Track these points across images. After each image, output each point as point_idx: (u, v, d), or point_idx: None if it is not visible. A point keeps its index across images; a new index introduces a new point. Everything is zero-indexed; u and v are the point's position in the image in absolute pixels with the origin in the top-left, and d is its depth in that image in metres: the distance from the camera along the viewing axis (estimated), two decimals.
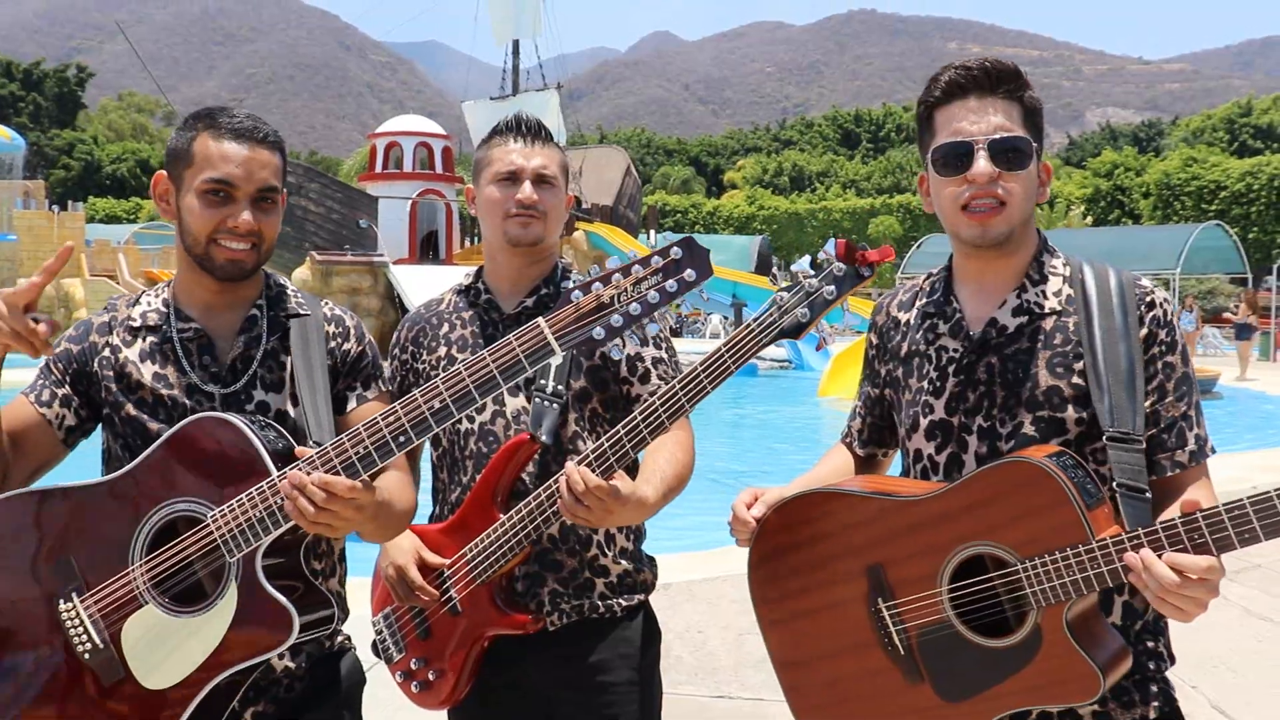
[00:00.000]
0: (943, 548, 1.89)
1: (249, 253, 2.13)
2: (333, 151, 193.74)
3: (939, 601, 1.89)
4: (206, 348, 2.18)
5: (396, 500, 2.14)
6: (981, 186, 1.97)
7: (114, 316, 2.25)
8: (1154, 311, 1.99)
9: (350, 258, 24.30)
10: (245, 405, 2.16)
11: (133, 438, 2.14)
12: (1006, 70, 2.01)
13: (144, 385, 2.15)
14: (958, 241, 2.08)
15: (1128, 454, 1.90)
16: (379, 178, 31.17)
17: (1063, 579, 1.76)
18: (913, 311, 2.21)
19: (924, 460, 2.10)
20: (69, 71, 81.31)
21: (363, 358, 2.31)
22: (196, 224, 2.11)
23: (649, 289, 1.79)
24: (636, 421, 2.10)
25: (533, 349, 1.82)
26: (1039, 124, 2.04)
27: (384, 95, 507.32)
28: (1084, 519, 1.75)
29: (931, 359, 2.11)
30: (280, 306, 2.26)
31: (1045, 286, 2.05)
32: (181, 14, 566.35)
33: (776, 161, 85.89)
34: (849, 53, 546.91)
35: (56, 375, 2.20)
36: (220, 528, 1.94)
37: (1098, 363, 1.94)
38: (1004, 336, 2.03)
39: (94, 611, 2.01)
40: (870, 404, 2.33)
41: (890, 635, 1.95)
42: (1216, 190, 47.90)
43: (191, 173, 2.11)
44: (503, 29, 37.72)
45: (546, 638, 2.39)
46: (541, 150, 2.50)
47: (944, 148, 2.01)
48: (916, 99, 2.15)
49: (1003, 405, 2.00)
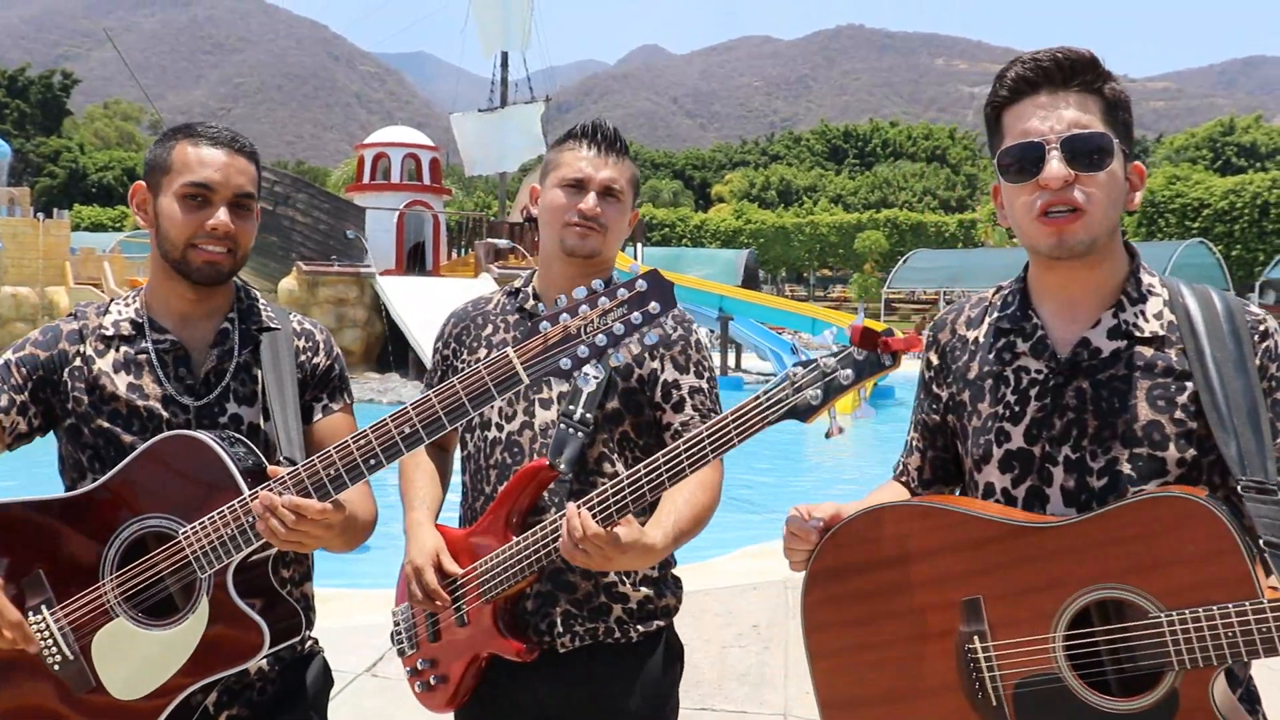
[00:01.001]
0: (1062, 586, 1.65)
1: (225, 256, 2.15)
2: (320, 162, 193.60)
3: (1050, 648, 1.65)
4: (182, 360, 2.19)
5: (361, 513, 2.18)
6: (1056, 192, 1.73)
7: (84, 324, 2.23)
8: (1267, 343, 1.76)
9: (337, 268, 24.26)
10: (219, 418, 2.17)
11: (105, 449, 2.14)
12: (1081, 60, 1.76)
13: (118, 397, 2.15)
14: (1035, 255, 1.85)
15: (1265, 506, 1.63)
16: (366, 188, 31.09)
17: (1219, 640, 1.52)
18: (982, 328, 1.97)
19: (996, 495, 1.87)
20: (55, 78, 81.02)
21: (331, 371, 2.34)
22: (175, 228, 2.13)
23: (614, 321, 1.80)
24: (622, 486, 2.04)
25: (501, 378, 1.85)
26: (1125, 119, 1.79)
27: (372, 106, 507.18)
28: (1254, 573, 1.52)
29: (1009, 381, 1.88)
30: (252, 320, 2.28)
31: (1144, 307, 1.81)
32: (170, 22, 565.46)
33: (764, 175, 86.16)
34: (837, 68, 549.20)
35: (17, 380, 2.17)
36: (192, 544, 1.96)
37: (1217, 400, 1.70)
38: (1097, 360, 1.80)
39: (64, 624, 2.03)
40: (930, 435, 2.08)
41: (983, 681, 1.71)
42: (1200, 208, 48.21)
43: (170, 179, 2.14)
44: (491, 41, 37.75)
45: (557, 659, 2.34)
46: (614, 162, 2.43)
47: (1012, 150, 1.77)
48: (904, 114, 2.06)
49: (1094, 436, 1.77)
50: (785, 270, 64.85)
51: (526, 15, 36.65)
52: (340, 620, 5.37)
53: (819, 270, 64.62)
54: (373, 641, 5.39)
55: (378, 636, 5.48)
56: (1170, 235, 46.94)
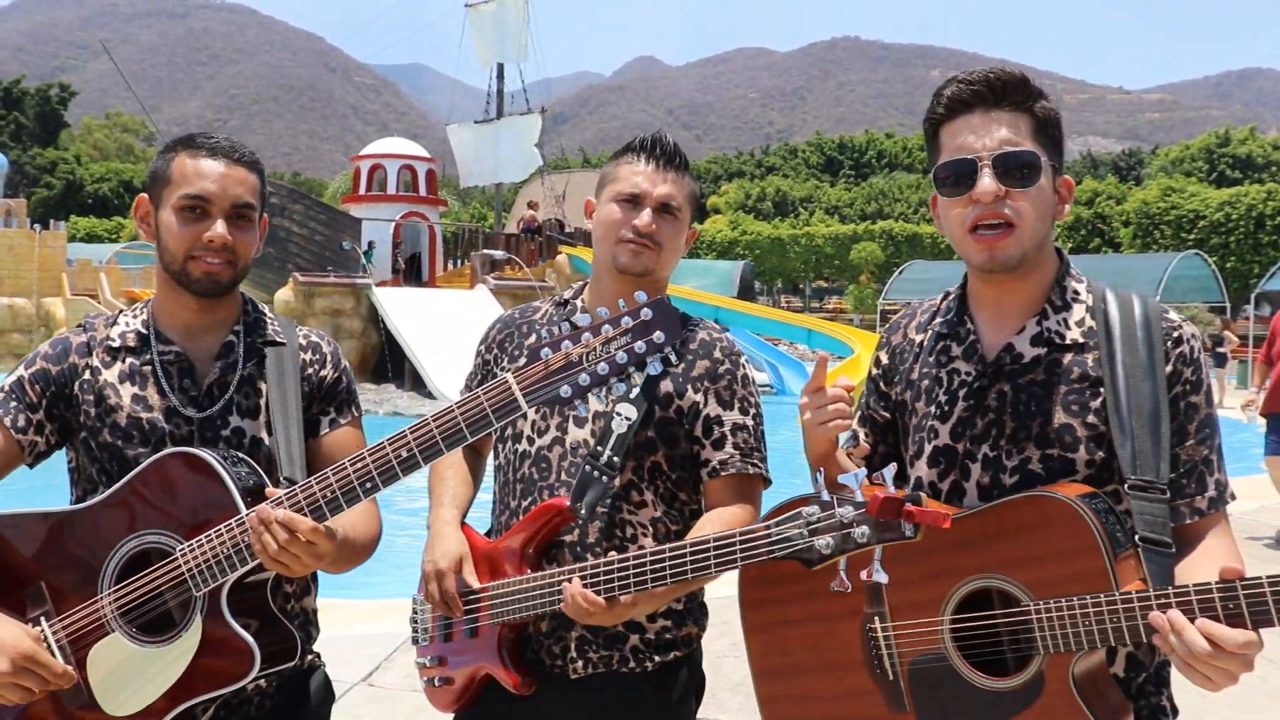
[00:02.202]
0: (952, 574, 1.80)
1: (224, 268, 2.14)
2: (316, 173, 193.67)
3: (939, 631, 1.80)
4: (187, 371, 2.18)
5: (359, 536, 2.16)
6: (987, 206, 1.84)
7: (92, 336, 2.23)
8: (1180, 348, 1.87)
9: (333, 279, 24.27)
10: (221, 431, 2.16)
11: (110, 463, 2.14)
12: (1012, 80, 1.87)
13: (122, 408, 2.14)
14: (970, 266, 1.97)
15: (1151, 504, 1.77)
16: (363, 199, 31.16)
17: (1077, 628, 1.67)
18: (928, 333, 2.09)
19: (924, 488, 2.00)
20: (52, 90, 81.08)
21: (338, 384, 2.32)
22: (174, 241, 2.12)
23: (617, 349, 1.74)
24: (613, 571, 2.03)
25: (500, 404, 1.81)
26: (1055, 136, 1.90)
27: (368, 117, 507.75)
28: (1111, 569, 1.65)
29: (942, 382, 2.00)
30: (258, 333, 2.27)
31: (1068, 315, 1.93)
32: (166, 34, 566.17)
33: (760, 187, 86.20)
34: (832, 79, 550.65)
35: (32, 399, 2.16)
36: (188, 562, 1.95)
37: (1120, 403, 1.82)
38: (1019, 365, 1.92)
39: (61, 636, 2.03)
40: (880, 431, 2.18)
41: (881, 658, 1.87)
42: (1195, 219, 48.27)
43: (169, 191, 2.13)
44: (487, 53, 37.84)
45: (569, 684, 2.28)
46: (672, 178, 2.36)
47: (947, 166, 1.89)
48: (899, 125, 2.11)
49: (1011, 437, 1.90)
50: (781, 281, 64.86)
51: (522, 27, 36.75)
52: (336, 630, 5.35)
53: (815, 281, 64.65)
54: (368, 652, 5.38)
55: (374, 646, 5.47)
56: (1165, 247, 47.02)
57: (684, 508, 2.37)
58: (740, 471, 2.29)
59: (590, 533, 2.26)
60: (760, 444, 2.36)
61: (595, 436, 2.29)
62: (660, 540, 2.28)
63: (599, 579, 2.05)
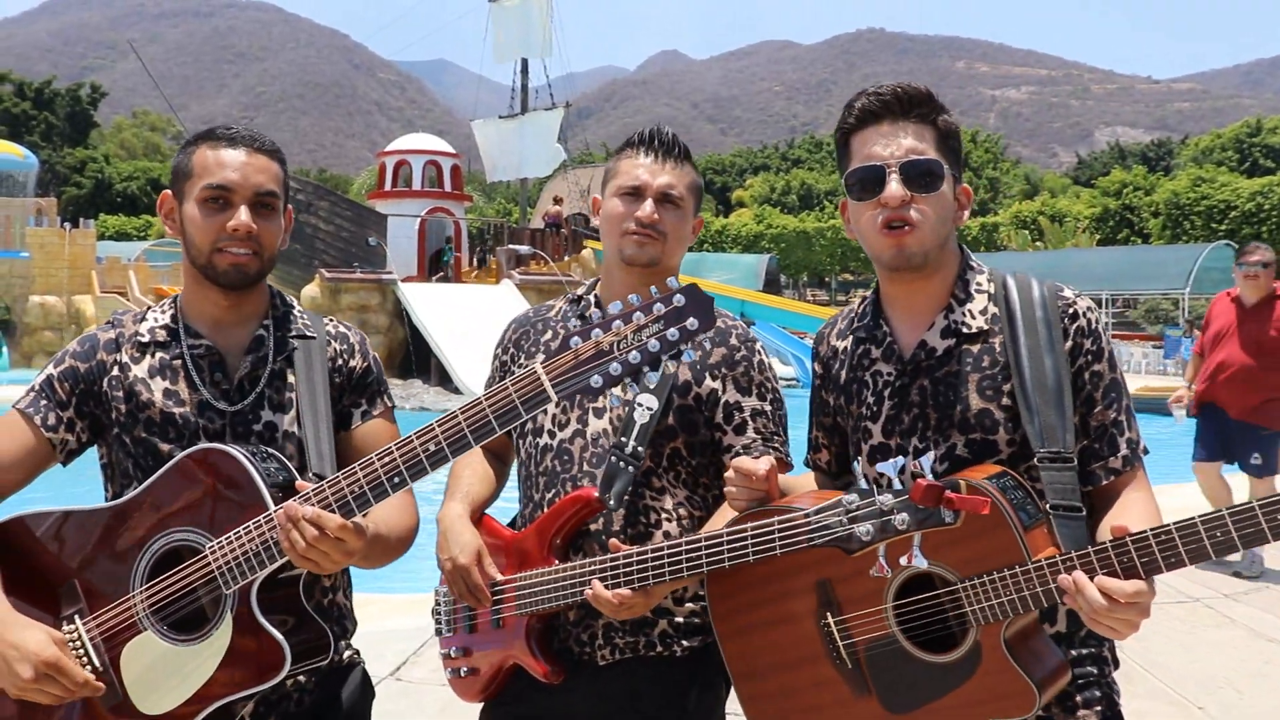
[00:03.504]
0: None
1: (250, 259, 2.13)
2: (342, 169, 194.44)
3: (884, 617, 1.91)
4: (217, 364, 2.18)
5: (393, 531, 2.16)
6: (894, 209, 1.98)
7: (120, 333, 2.24)
8: (1078, 323, 2.01)
9: (359, 275, 24.38)
10: (253, 425, 2.16)
11: (144, 458, 2.14)
12: (918, 95, 2.03)
13: (154, 404, 2.14)
14: (879, 265, 2.09)
15: (1060, 473, 1.92)
16: (388, 195, 31.26)
17: (1000, 598, 1.79)
18: (849, 339, 2.22)
19: (870, 484, 2.06)
20: (82, 90, 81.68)
21: (368, 374, 2.32)
22: (198, 233, 2.12)
23: (650, 337, 1.70)
24: (646, 560, 2.07)
25: (528, 395, 1.78)
26: (955, 147, 2.06)
27: (393, 114, 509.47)
28: (1021, 540, 1.78)
29: (868, 384, 2.13)
30: (286, 327, 2.26)
31: (971, 305, 2.07)
32: (193, 33, 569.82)
33: (785, 180, 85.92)
34: (857, 71, 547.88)
35: (61, 396, 2.17)
36: (218, 559, 1.95)
37: (1025, 383, 1.96)
38: (933, 359, 2.05)
39: (95, 635, 2.02)
40: (829, 433, 2.31)
41: (839, 649, 1.97)
42: (1226, 210, 47.78)
43: (191, 184, 2.13)
44: (511, 48, 37.87)
45: (596, 670, 2.30)
46: (672, 168, 2.41)
47: (857, 172, 2.02)
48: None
49: (936, 427, 2.03)
50: (807, 275, 64.65)
51: (546, 22, 36.77)
52: (363, 625, 5.36)
53: (841, 275, 64.41)
54: (396, 646, 5.40)
55: (401, 641, 5.50)
56: (1196, 238, 46.56)
57: (706, 493, 2.39)
58: (763, 455, 2.29)
59: (615, 521, 2.28)
60: (780, 428, 2.40)
61: (615, 427, 2.31)
62: (683, 524, 2.31)
63: (632, 571, 2.07)
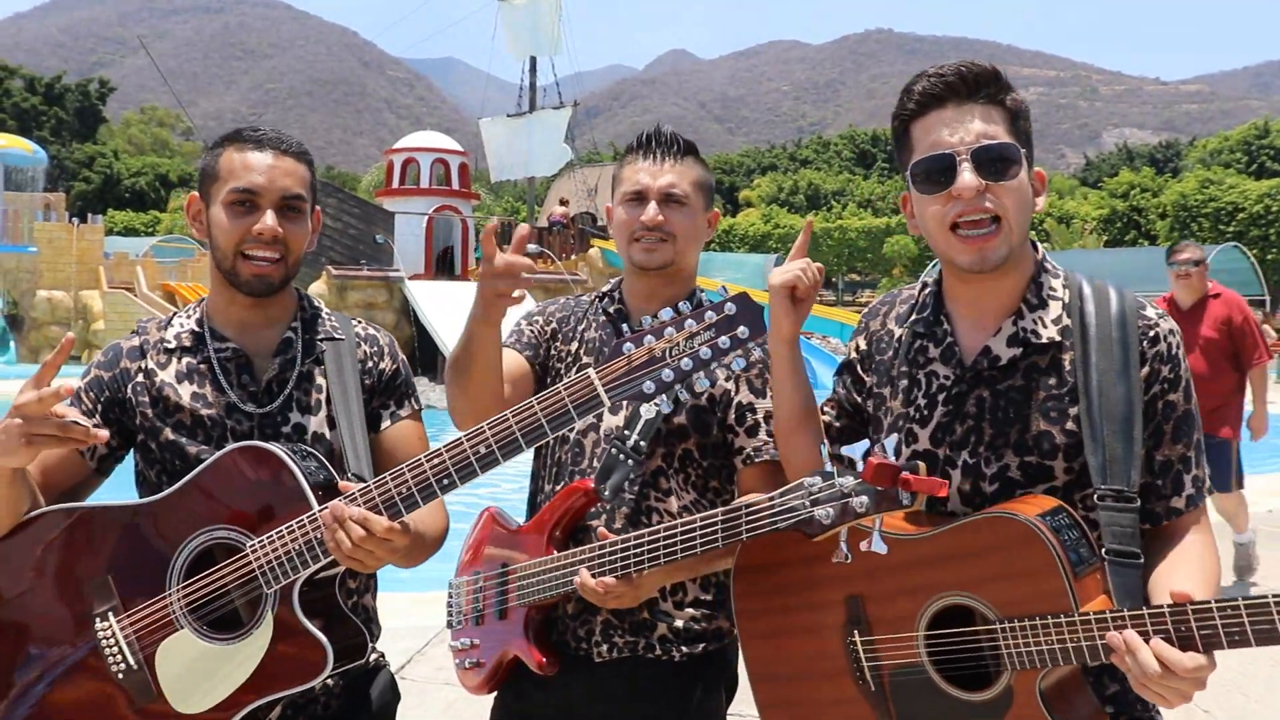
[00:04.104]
0: (924, 591, 1.80)
1: (275, 266, 2.13)
2: (350, 167, 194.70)
3: (915, 645, 1.81)
4: (245, 367, 2.18)
5: (429, 530, 2.15)
6: (969, 202, 1.80)
7: (145, 340, 2.23)
8: (1157, 347, 1.84)
9: (366, 272, 24.38)
10: (282, 427, 2.15)
11: (171, 461, 2.13)
12: (984, 73, 1.84)
13: (183, 407, 2.14)
14: (950, 267, 1.93)
15: (1120, 514, 1.76)
16: (396, 193, 31.24)
17: (1040, 646, 1.67)
18: (905, 328, 2.05)
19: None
20: (91, 85, 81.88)
21: (397, 375, 2.31)
22: (223, 236, 2.11)
23: (701, 344, 1.72)
24: (629, 548, 2.06)
25: (581, 400, 1.79)
26: (1026, 129, 1.87)
27: (401, 111, 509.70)
28: (1070, 589, 1.66)
29: (920, 384, 1.97)
30: (315, 329, 2.26)
31: (1044, 313, 1.89)
32: (202, 29, 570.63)
33: (792, 180, 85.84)
34: (865, 72, 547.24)
35: (87, 405, 2.17)
36: (259, 558, 1.94)
37: (1093, 409, 1.79)
38: (997, 369, 1.89)
39: (130, 632, 2.01)
40: (847, 408, 2.16)
41: (863, 669, 1.87)
42: (1234, 212, 47.62)
43: (218, 187, 2.13)
44: (519, 46, 37.86)
45: (594, 667, 2.31)
46: (672, 167, 2.38)
47: (923, 162, 1.84)
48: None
49: (989, 443, 1.87)
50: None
51: (555, 20, 36.76)
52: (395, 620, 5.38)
53: (847, 275, 64.31)
54: (400, 645, 5.41)
55: (407, 639, 5.51)
56: (1204, 240, 46.40)
57: (715, 498, 2.38)
58: (774, 458, 2.30)
59: (616, 518, 2.29)
60: None
61: (626, 421, 2.31)
62: None
63: (615, 558, 2.07)
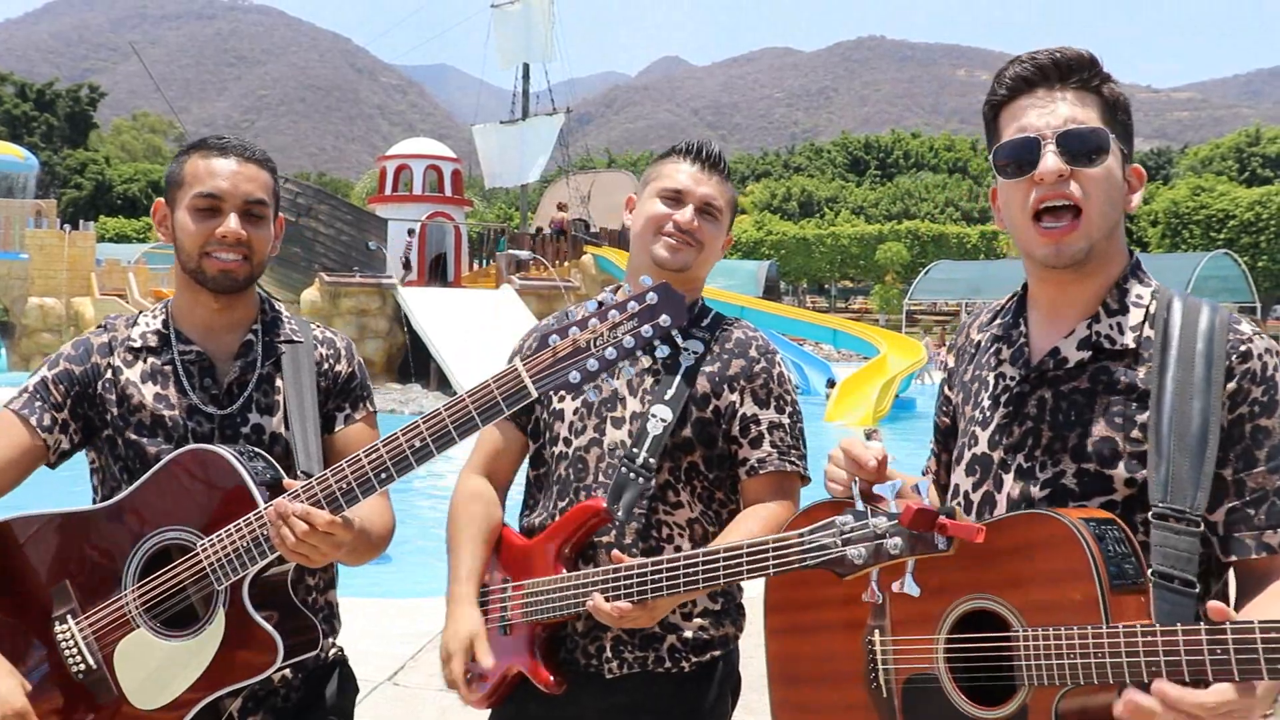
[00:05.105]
0: (952, 591, 1.69)
1: (240, 264, 2.18)
2: (342, 173, 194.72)
3: (933, 650, 1.70)
4: (207, 370, 2.23)
5: (374, 527, 2.21)
6: (1051, 186, 1.70)
7: (113, 337, 2.28)
8: (1248, 364, 1.67)
9: (359, 279, 24.38)
10: (241, 428, 2.21)
11: (133, 460, 2.18)
12: (1078, 59, 1.75)
13: (145, 407, 2.19)
14: (1030, 262, 1.81)
15: (1177, 536, 1.60)
16: (388, 200, 31.26)
17: (1061, 660, 1.53)
18: (987, 334, 1.97)
19: (959, 497, 1.88)
20: (82, 92, 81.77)
21: (352, 378, 2.36)
22: (188, 239, 2.17)
23: (624, 334, 1.76)
24: (646, 575, 2.04)
25: (510, 391, 1.83)
26: (1124, 120, 1.77)
27: (394, 118, 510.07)
28: (1103, 600, 1.51)
29: (988, 386, 1.88)
30: (275, 332, 2.31)
31: (1124, 319, 1.75)
32: (195, 36, 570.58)
33: (785, 186, 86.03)
34: (858, 79, 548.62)
35: (56, 398, 2.20)
36: (209, 556, 1.99)
37: (1162, 421, 1.65)
38: (1063, 370, 1.77)
39: (88, 633, 2.07)
40: (942, 438, 2.07)
41: (878, 673, 1.79)
42: (1225, 219, 47.87)
43: (183, 192, 2.19)
44: (512, 53, 37.88)
45: (604, 684, 2.29)
46: (715, 181, 2.39)
47: (1008, 146, 1.76)
48: (925, 125, 2.02)
49: (1046, 448, 1.76)
50: (806, 281, 64.73)
51: (547, 27, 36.78)
52: (362, 629, 5.38)
53: (840, 281, 64.51)
54: (395, 650, 5.40)
55: (400, 645, 5.50)
56: (1195, 247, 46.63)
57: (722, 508, 2.37)
58: (778, 469, 2.30)
59: (627, 534, 2.27)
60: (798, 442, 2.36)
61: (631, 438, 2.29)
62: (696, 541, 2.30)
63: (632, 583, 2.05)
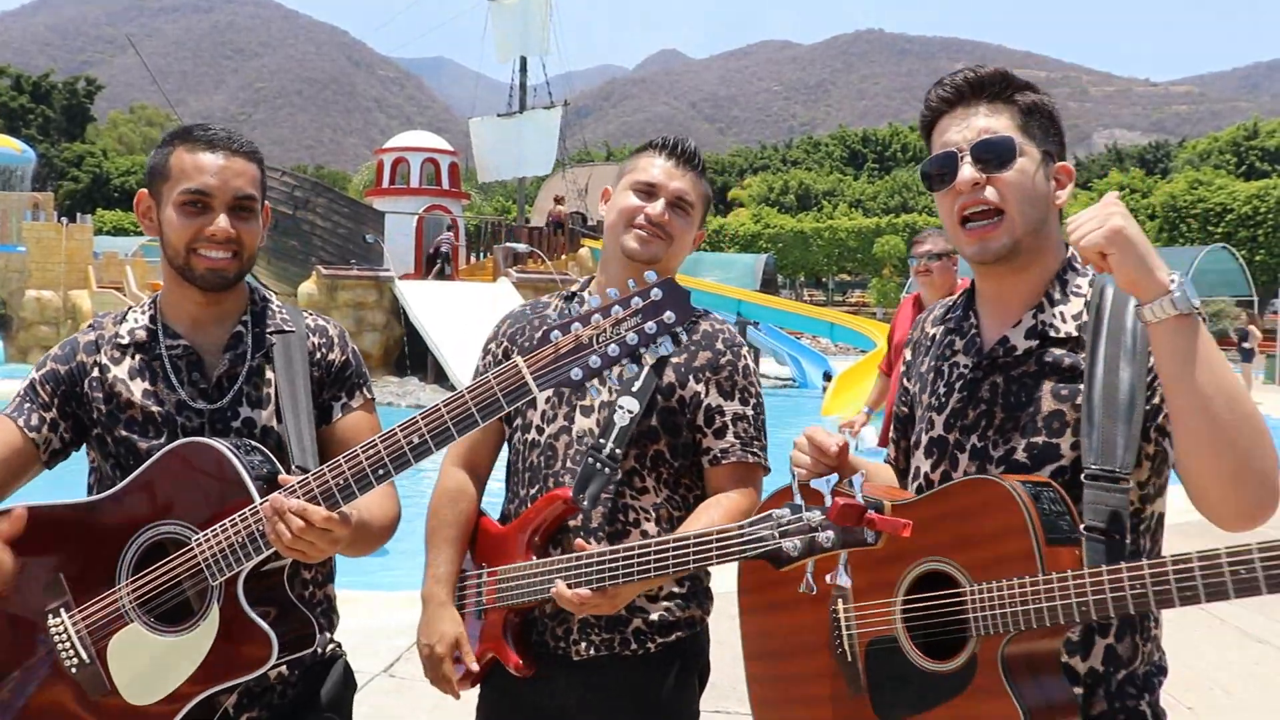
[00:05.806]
0: (907, 556, 1.82)
1: (229, 261, 2.15)
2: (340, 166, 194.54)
3: (892, 613, 1.83)
4: (195, 364, 2.20)
5: (375, 519, 2.17)
6: (970, 194, 1.88)
7: (100, 334, 2.25)
8: None
9: (356, 272, 24.35)
10: (231, 422, 2.18)
11: (125, 457, 2.16)
12: (990, 75, 1.93)
13: (134, 404, 2.16)
14: (969, 260, 1.98)
15: (1105, 494, 1.75)
16: (386, 193, 31.25)
17: (1004, 609, 1.67)
18: (940, 327, 2.13)
19: (920, 479, 2.03)
20: (79, 84, 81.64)
21: (346, 366, 2.33)
22: (175, 236, 2.13)
23: (628, 330, 1.73)
24: (604, 563, 2.09)
25: (510, 388, 1.80)
26: (1044, 125, 1.93)
27: (391, 111, 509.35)
28: (1038, 551, 1.65)
29: (943, 375, 2.04)
30: (264, 323, 2.27)
31: (1064, 308, 1.91)
32: (192, 28, 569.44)
33: (783, 180, 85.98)
34: (856, 72, 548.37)
35: (44, 398, 2.19)
36: (204, 551, 1.97)
37: (1094, 391, 1.81)
38: (1012, 357, 1.93)
39: (81, 628, 2.04)
40: (901, 426, 2.22)
41: (842, 639, 1.91)
42: (1223, 213, 47.86)
43: (169, 186, 2.14)
44: (510, 46, 37.80)
45: (572, 666, 2.33)
46: (689, 177, 2.43)
47: (932, 161, 1.94)
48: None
49: (999, 427, 1.91)
50: (804, 275, 64.68)
51: (545, 20, 36.71)
52: (358, 621, 5.38)
53: (838, 275, 64.46)
54: (390, 643, 5.40)
55: (395, 638, 5.50)
56: (1192, 240, 46.65)
57: (687, 494, 2.41)
58: (740, 460, 2.36)
59: (594, 518, 2.31)
60: (760, 433, 2.41)
61: (599, 427, 2.33)
62: (662, 524, 2.34)
63: (591, 571, 2.11)
